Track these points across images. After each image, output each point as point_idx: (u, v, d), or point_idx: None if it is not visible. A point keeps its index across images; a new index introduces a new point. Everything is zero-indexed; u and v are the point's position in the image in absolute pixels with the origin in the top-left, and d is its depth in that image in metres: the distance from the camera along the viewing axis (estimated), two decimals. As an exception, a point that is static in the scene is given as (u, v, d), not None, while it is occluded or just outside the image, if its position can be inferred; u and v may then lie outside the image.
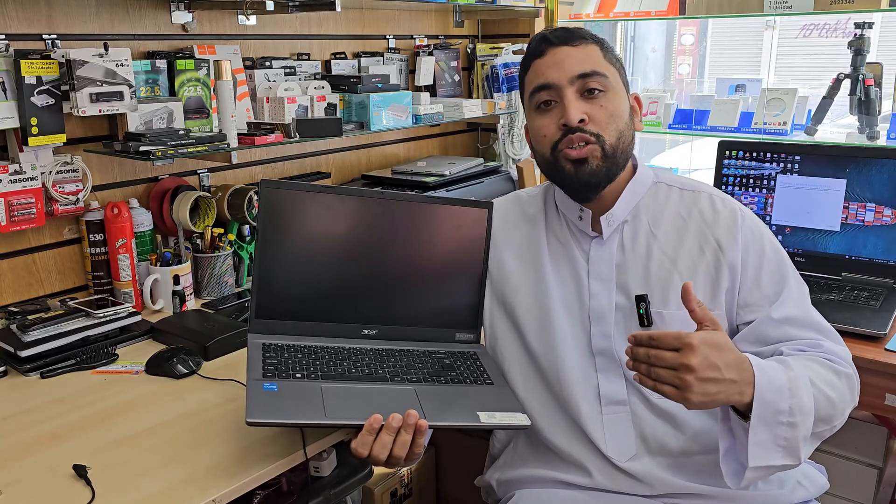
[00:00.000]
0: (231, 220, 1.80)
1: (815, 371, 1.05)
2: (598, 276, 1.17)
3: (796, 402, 0.99)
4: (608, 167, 1.13)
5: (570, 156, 1.12)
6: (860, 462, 1.62)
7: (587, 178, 1.12)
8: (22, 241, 1.56)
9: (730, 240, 1.14)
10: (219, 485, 1.00)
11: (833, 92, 2.11)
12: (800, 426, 0.99)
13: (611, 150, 1.12)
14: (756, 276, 1.14)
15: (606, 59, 1.14)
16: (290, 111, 1.81)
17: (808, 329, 1.13)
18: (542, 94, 1.14)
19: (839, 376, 1.08)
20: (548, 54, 1.14)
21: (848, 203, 1.64)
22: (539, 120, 1.15)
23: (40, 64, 1.43)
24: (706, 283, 1.14)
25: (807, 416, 1.00)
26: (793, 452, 1.00)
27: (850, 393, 1.09)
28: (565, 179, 1.15)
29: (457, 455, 1.94)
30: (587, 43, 1.14)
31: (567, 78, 1.11)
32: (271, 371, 1.08)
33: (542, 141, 1.15)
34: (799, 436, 0.99)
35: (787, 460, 1.00)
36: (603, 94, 1.12)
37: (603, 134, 1.11)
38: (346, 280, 1.21)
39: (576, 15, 2.56)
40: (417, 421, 0.99)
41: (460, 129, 2.61)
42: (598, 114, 1.11)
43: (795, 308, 1.13)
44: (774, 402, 0.97)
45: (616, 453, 1.13)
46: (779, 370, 1.00)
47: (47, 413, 1.21)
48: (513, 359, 1.23)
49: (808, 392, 1.01)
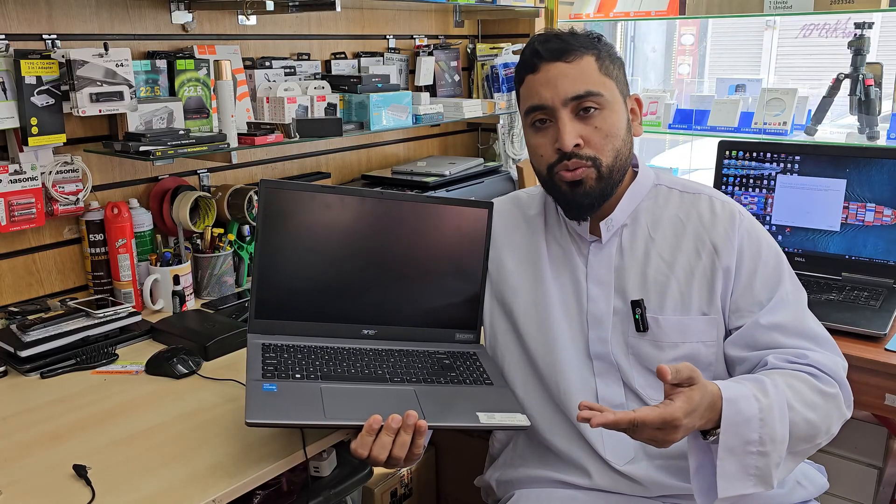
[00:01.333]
0: (231, 220, 1.80)
1: (796, 392, 1.04)
2: (596, 281, 1.17)
3: (767, 432, 0.98)
4: (603, 188, 1.12)
5: (566, 178, 1.11)
6: (860, 462, 1.62)
7: (581, 200, 1.13)
8: (22, 241, 1.56)
9: (726, 243, 1.13)
10: (219, 485, 1.00)
11: (833, 92, 2.11)
12: (771, 454, 0.99)
13: (607, 171, 1.11)
14: (749, 281, 1.13)
15: (602, 71, 1.11)
16: (290, 111, 1.81)
17: (797, 337, 1.10)
18: (537, 114, 1.13)
19: (824, 397, 1.06)
20: (541, 70, 1.11)
21: (848, 203, 1.64)
22: (535, 138, 1.15)
23: (40, 64, 1.43)
24: (702, 287, 1.13)
25: (779, 443, 0.99)
26: (765, 479, 1.00)
27: (836, 411, 1.08)
28: (561, 199, 1.16)
29: (457, 455, 1.94)
30: (582, 55, 1.10)
31: (560, 100, 1.09)
32: (271, 371, 1.08)
33: (539, 160, 1.15)
34: (771, 463, 0.99)
35: (759, 488, 1.00)
36: (598, 113, 1.10)
37: (599, 156, 1.11)
38: (346, 280, 1.21)
39: (576, 15, 2.56)
40: (417, 421, 0.99)
41: (460, 129, 2.61)
42: (594, 136, 1.10)
43: (786, 314, 1.11)
44: (744, 433, 0.97)
45: (614, 457, 1.13)
46: (751, 400, 0.99)
47: (47, 413, 1.21)
48: (512, 360, 1.23)
49: (782, 419, 1.00)
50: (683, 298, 1.13)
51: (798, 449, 1.04)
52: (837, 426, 1.09)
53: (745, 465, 0.98)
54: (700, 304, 1.13)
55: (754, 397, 0.99)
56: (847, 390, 1.11)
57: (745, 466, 0.98)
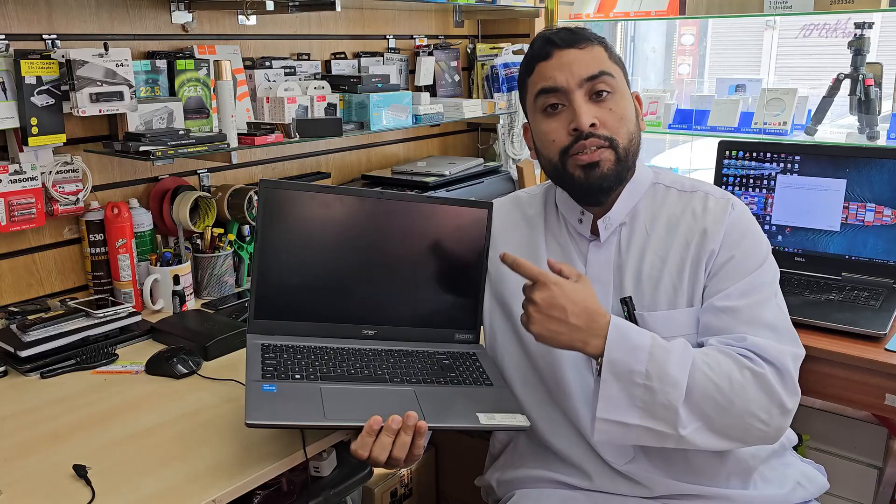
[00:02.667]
0: (231, 220, 1.80)
1: (711, 358, 1.01)
2: (595, 279, 1.16)
3: (655, 368, 0.98)
4: (619, 170, 1.12)
5: (582, 161, 1.10)
6: (860, 462, 1.62)
7: (598, 183, 1.11)
8: (22, 241, 1.56)
9: (714, 229, 1.12)
10: (219, 485, 1.00)
11: (833, 92, 2.11)
12: (657, 393, 0.98)
13: (623, 153, 1.11)
14: (722, 266, 1.11)
15: (612, 60, 1.14)
16: (290, 111, 1.81)
17: (749, 324, 1.06)
18: (550, 98, 1.12)
19: (742, 372, 1.01)
20: (554, 57, 1.11)
21: (848, 203, 1.64)
22: (546, 124, 1.13)
23: (40, 64, 1.43)
24: (691, 277, 1.12)
25: (670, 386, 0.98)
26: (653, 416, 0.99)
27: (760, 391, 1.01)
28: (574, 184, 1.14)
29: (457, 455, 1.94)
30: (592, 44, 1.13)
31: (576, 81, 1.10)
32: (270, 372, 1.08)
33: (551, 146, 1.13)
34: (656, 402, 0.98)
35: (647, 423, 0.99)
36: (611, 96, 1.11)
37: (616, 137, 1.11)
38: (346, 280, 1.21)
39: (576, 15, 2.56)
40: (417, 422, 0.99)
41: (460, 129, 2.61)
42: (609, 117, 1.10)
43: (745, 301, 1.08)
44: (627, 361, 0.99)
45: (614, 457, 1.13)
46: (645, 336, 1.01)
47: (47, 413, 1.21)
48: (511, 360, 1.23)
49: (680, 367, 0.99)
50: (675, 292, 1.12)
51: (705, 408, 0.99)
52: (765, 411, 1.01)
53: (630, 395, 0.99)
54: (689, 296, 1.12)
55: (650, 336, 1.01)
56: (789, 378, 1.04)
57: (630, 396, 0.99)
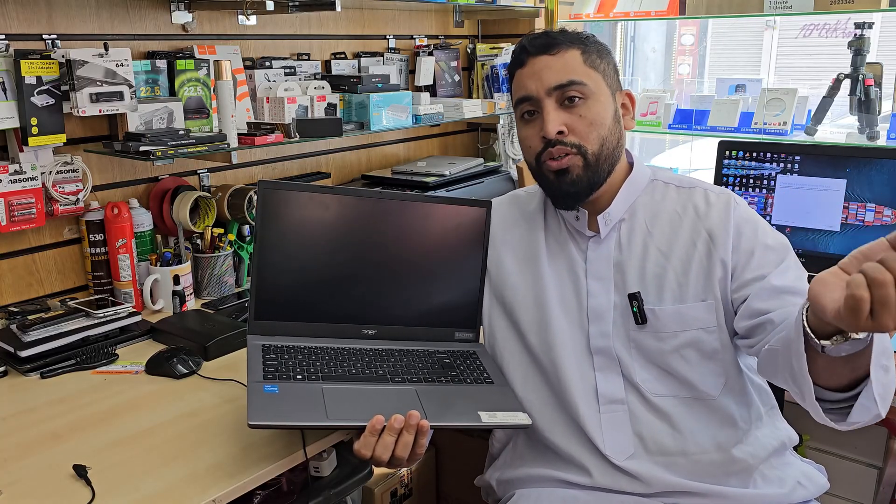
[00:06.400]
0: (231, 220, 1.80)
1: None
2: (595, 276, 1.17)
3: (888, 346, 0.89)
4: (590, 176, 1.13)
5: (552, 167, 1.14)
6: (860, 462, 1.62)
7: (567, 189, 1.14)
8: (22, 241, 1.56)
9: (721, 229, 1.13)
10: (219, 485, 1.00)
11: (833, 92, 2.11)
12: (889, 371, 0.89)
13: (593, 158, 1.13)
14: (750, 253, 1.11)
15: (588, 64, 1.14)
16: (290, 111, 1.81)
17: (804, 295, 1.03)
18: (525, 105, 1.16)
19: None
20: (528, 64, 1.15)
21: (848, 203, 1.64)
22: (524, 130, 1.18)
23: (40, 64, 1.43)
24: (699, 275, 1.13)
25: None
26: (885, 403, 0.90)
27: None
28: (549, 189, 1.19)
29: (457, 455, 1.94)
30: (566, 49, 1.13)
31: (544, 89, 1.12)
32: (272, 373, 1.08)
33: (528, 151, 1.18)
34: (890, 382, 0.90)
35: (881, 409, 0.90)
36: (583, 102, 1.12)
37: (584, 144, 1.12)
38: (345, 280, 1.21)
39: (576, 15, 2.56)
40: (419, 421, 0.99)
41: (460, 129, 2.61)
42: (578, 124, 1.12)
43: (797, 281, 1.09)
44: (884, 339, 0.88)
45: (614, 452, 1.13)
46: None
47: (47, 413, 1.21)
48: (512, 358, 1.23)
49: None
50: (681, 288, 1.13)
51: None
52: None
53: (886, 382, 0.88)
54: (697, 292, 1.13)
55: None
56: None
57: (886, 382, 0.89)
